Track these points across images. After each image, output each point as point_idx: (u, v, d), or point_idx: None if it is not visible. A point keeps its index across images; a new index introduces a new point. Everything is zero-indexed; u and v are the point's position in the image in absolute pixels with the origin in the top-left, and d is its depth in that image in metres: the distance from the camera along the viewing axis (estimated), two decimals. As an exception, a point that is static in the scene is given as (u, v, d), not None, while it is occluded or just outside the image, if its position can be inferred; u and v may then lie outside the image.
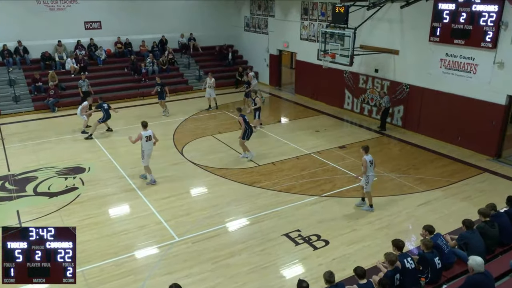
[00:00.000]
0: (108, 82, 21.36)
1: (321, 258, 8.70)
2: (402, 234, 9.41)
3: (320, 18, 19.47)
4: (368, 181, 10.19)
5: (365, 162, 10.02)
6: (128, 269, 8.38)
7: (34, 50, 20.93)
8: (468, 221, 7.79)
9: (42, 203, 10.94)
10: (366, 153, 10.12)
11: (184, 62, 24.02)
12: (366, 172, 10.08)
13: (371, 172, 10.17)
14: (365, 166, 10.03)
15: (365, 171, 10.06)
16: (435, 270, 7.07)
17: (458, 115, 14.09)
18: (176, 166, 13.28)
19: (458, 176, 12.48)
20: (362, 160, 10.09)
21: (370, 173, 10.13)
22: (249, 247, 9.08)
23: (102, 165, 13.30)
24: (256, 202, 10.96)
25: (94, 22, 22.26)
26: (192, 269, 8.36)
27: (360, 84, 17.96)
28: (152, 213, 10.48)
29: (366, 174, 10.10)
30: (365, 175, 10.13)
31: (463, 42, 13.55)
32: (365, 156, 10.09)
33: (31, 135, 16.14)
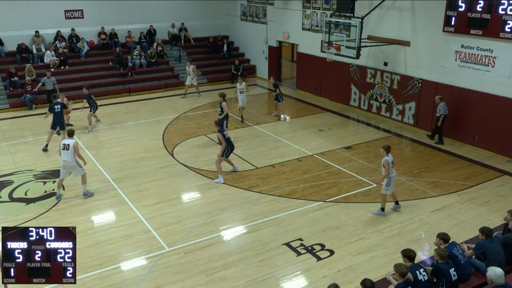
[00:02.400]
0: (91, 77, 21.31)
1: (325, 269, 8.70)
2: (414, 243, 9.42)
3: (324, 7, 19.50)
4: (390, 183, 10.32)
5: (387, 163, 10.12)
6: (113, 283, 8.35)
7: (9, 41, 20.89)
8: (487, 228, 7.80)
9: (19, 209, 10.91)
10: (387, 154, 10.20)
11: (174, 55, 24.01)
12: (388, 174, 10.19)
13: (393, 173, 10.33)
14: (387, 168, 10.13)
15: (388, 173, 10.17)
16: (451, 282, 7.08)
17: (475, 112, 14.12)
18: (166, 169, 13.28)
19: (476, 180, 12.51)
20: (383, 161, 10.16)
21: (392, 174, 10.27)
22: (246, 258, 9.08)
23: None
24: (254, 208, 10.96)
25: (76, 10, 22.23)
26: (184, 282, 8.35)
27: (368, 78, 18.00)
28: (139, 220, 10.46)
29: (389, 176, 10.21)
30: (387, 177, 10.25)
31: (480, 32, 13.59)
32: (386, 157, 10.17)
33: (6, 135, 16.10)
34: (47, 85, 18.74)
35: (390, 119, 17.35)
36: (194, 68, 20.66)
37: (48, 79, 18.75)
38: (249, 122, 17.23)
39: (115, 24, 23.09)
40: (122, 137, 15.81)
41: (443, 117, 14.41)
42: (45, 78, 18.78)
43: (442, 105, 14.39)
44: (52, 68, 20.79)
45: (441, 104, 14.40)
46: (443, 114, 14.37)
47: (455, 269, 7.16)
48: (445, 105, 14.37)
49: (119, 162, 13.64)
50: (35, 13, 21.07)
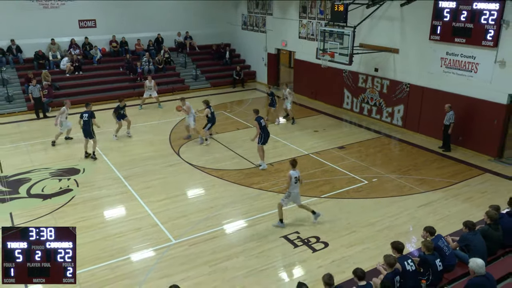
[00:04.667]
0: (103, 82, 21.31)
1: (320, 260, 8.70)
2: (403, 235, 9.42)
3: (318, 16, 19.49)
4: (290, 196, 9.62)
5: (289, 178, 9.45)
6: (123, 273, 8.35)
7: (27, 49, 20.88)
8: (470, 222, 7.80)
9: (36, 205, 10.91)
10: (293, 168, 9.51)
11: (180, 61, 24.00)
12: (288, 189, 9.56)
13: (296, 189, 9.59)
14: (288, 182, 9.48)
15: (288, 187, 9.54)
16: (436, 272, 7.07)
17: (459, 114, 14.10)
18: (172, 167, 13.26)
19: (460, 177, 12.50)
20: (287, 175, 9.50)
21: (294, 190, 9.57)
22: (247, 249, 9.08)
23: (97, 166, 13.26)
24: (254, 204, 10.95)
25: (89, 20, 22.21)
26: (188, 272, 8.34)
27: (360, 83, 17.98)
28: (147, 215, 10.46)
29: (289, 190, 9.57)
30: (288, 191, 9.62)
31: (464, 40, 13.58)
32: (291, 171, 9.47)
33: (24, 135, 16.09)
34: (33, 93, 17.74)
35: (380, 121, 17.34)
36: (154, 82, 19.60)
37: (33, 87, 17.74)
38: (249, 123, 17.21)
39: (126, 32, 23.08)
40: (132, 138, 15.79)
41: (452, 125, 13.89)
42: (31, 87, 17.77)
43: (452, 113, 13.77)
44: (67, 74, 20.80)
45: (451, 113, 13.77)
46: (453, 122, 13.82)
47: (440, 260, 7.15)
48: (453, 113, 13.81)
49: (129, 160, 13.63)
50: (51, 22, 21.04)
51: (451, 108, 13.87)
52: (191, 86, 22.85)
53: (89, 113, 13.43)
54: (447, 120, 13.95)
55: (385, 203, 10.97)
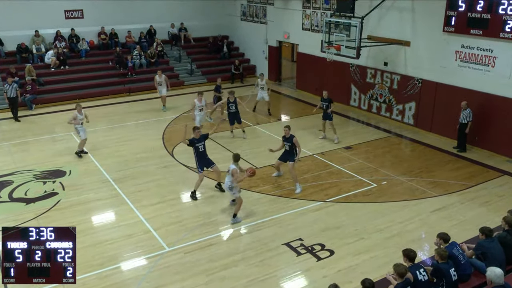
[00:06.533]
0: (90, 77, 21.32)
1: (325, 269, 8.70)
2: (414, 243, 9.42)
3: (324, 7, 19.50)
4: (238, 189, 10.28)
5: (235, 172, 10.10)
6: (113, 282, 8.36)
7: (9, 41, 20.90)
8: (487, 228, 7.79)
9: (19, 209, 10.92)
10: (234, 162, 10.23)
11: (174, 55, 24.02)
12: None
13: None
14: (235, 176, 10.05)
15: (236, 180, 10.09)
16: (451, 282, 7.08)
17: (475, 112, 14.11)
18: (166, 169, 13.28)
19: (476, 179, 12.51)
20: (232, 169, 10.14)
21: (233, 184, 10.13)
22: (246, 258, 9.08)
23: (85, 168, 13.27)
24: (254, 208, 10.96)
25: (76, 10, 22.25)
26: (184, 282, 8.36)
27: (368, 78, 18.00)
28: (139, 220, 10.47)
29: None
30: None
31: (480, 32, 13.58)
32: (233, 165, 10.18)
33: (5, 135, 16.10)
34: (8, 92, 17.24)
35: (390, 119, 17.35)
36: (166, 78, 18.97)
37: (9, 86, 17.26)
38: (249, 122, 17.23)
39: (115, 24, 23.09)
40: (122, 137, 15.81)
41: (470, 124, 13.83)
42: (7, 85, 17.31)
43: (469, 111, 13.68)
44: (52, 68, 20.81)
45: (468, 110, 13.69)
46: (470, 121, 13.76)
47: (455, 269, 7.15)
48: (471, 111, 13.71)
49: (119, 162, 13.64)
50: (35, 13, 21.06)
51: (468, 106, 13.84)
52: (186, 81, 22.86)
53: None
54: (464, 119, 13.90)
55: (395, 208, 10.98)
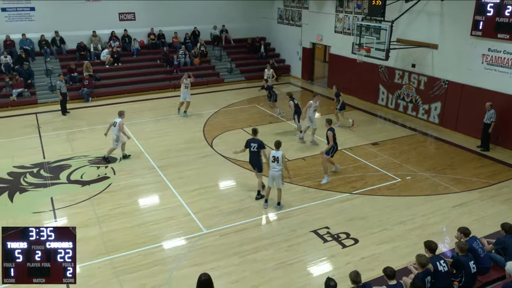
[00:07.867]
0: (140, 74, 21.78)
1: (349, 256, 8.62)
2: (436, 236, 9.18)
3: (355, 11, 19.14)
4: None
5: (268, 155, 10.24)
6: (155, 259, 8.56)
7: (70, 40, 21.59)
8: (508, 225, 7.56)
9: (75, 191, 11.32)
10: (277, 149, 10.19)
11: (216, 54, 24.18)
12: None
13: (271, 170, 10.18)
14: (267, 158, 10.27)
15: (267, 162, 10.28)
16: (470, 274, 6.89)
17: (499, 113, 13.54)
18: (205, 158, 13.43)
19: (498, 178, 12.05)
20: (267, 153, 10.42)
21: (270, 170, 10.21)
22: (276, 242, 9.11)
23: (133, 155, 13.60)
24: (284, 197, 10.92)
25: (128, 13, 22.72)
26: (219, 262, 8.46)
27: (396, 79, 17.57)
28: (180, 204, 10.66)
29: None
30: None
31: (507, 36, 13.00)
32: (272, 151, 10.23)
33: (65, 124, 16.69)
34: (61, 88, 17.19)
35: (416, 118, 16.89)
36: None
37: (61, 82, 17.24)
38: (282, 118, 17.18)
39: (163, 25, 23.43)
40: (167, 129, 16.09)
41: (494, 124, 13.38)
42: (59, 82, 17.24)
43: (493, 112, 13.26)
44: (107, 65, 21.38)
45: (492, 111, 13.28)
46: (494, 121, 13.31)
47: (474, 262, 6.96)
48: (495, 112, 13.28)
49: (163, 151, 13.89)
50: (93, 15, 21.67)
51: (492, 107, 13.34)
52: (225, 79, 23.00)
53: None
54: (488, 119, 13.43)
55: (418, 202, 10.73)
